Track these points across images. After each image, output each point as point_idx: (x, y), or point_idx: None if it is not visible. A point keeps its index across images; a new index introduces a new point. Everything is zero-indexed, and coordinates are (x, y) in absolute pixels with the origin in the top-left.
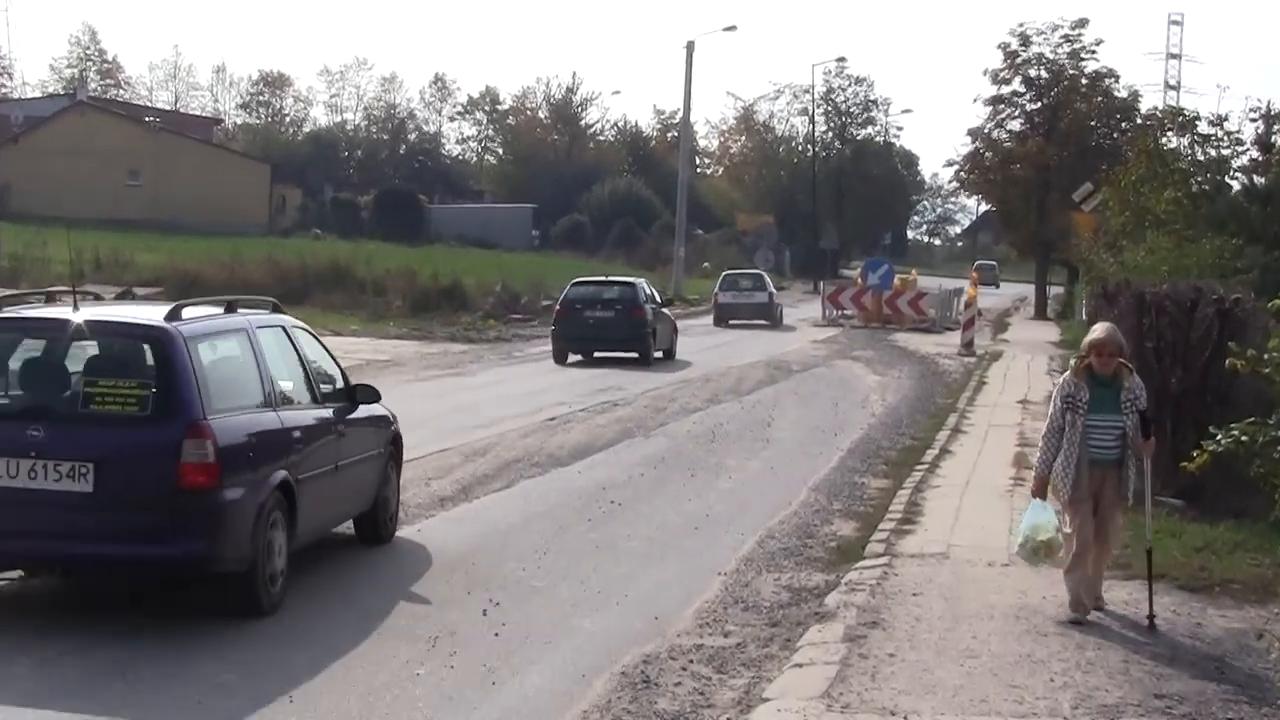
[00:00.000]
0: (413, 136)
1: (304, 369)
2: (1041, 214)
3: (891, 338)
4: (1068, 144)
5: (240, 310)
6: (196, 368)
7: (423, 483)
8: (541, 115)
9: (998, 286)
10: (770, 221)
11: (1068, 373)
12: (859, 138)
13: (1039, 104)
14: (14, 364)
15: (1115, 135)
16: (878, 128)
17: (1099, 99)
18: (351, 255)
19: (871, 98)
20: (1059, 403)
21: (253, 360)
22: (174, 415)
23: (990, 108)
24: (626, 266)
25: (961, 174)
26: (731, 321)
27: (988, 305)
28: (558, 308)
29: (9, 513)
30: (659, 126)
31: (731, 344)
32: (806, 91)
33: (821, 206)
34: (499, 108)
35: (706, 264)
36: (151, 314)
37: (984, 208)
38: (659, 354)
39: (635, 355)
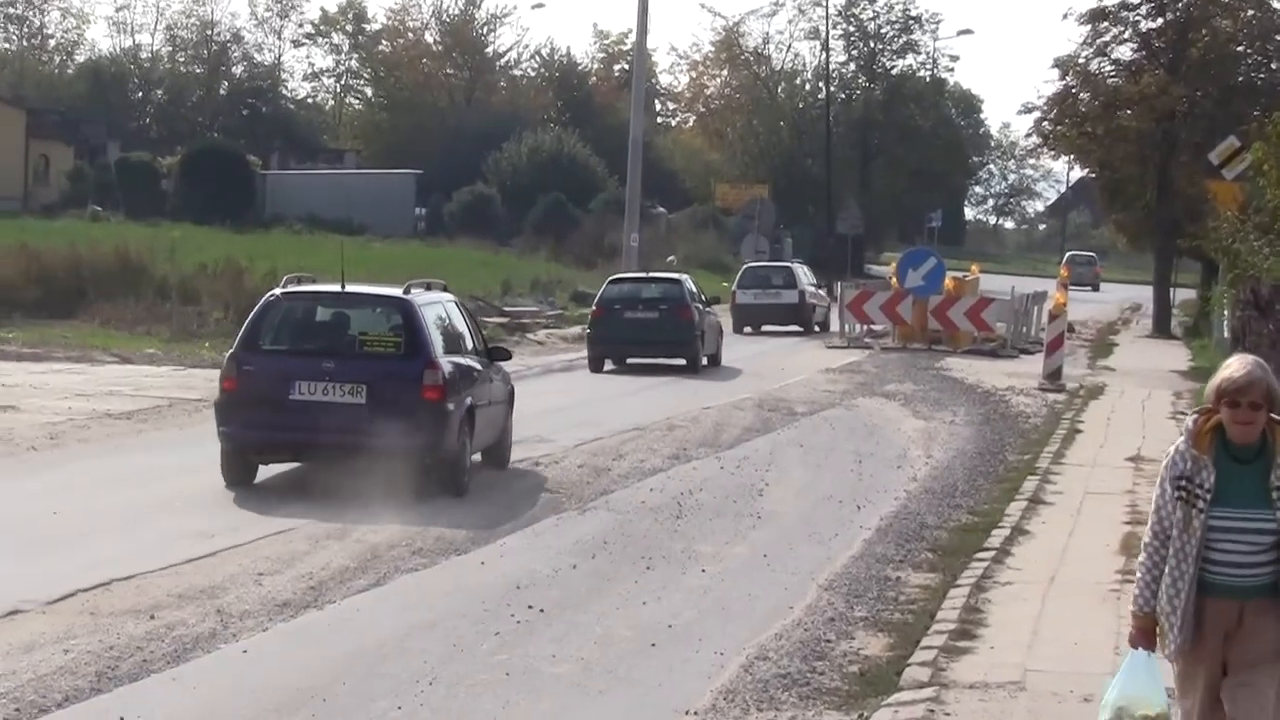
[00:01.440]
0: (239, 70)
1: (470, 330)
2: (1164, 183)
3: (941, 365)
4: (1202, 80)
5: (432, 289)
6: (426, 324)
7: (251, 579)
8: (429, 40)
9: (1097, 288)
10: (764, 195)
11: (1181, 439)
12: (894, 72)
13: (1159, 21)
14: (309, 321)
15: (1274, 67)
16: (922, 58)
17: (1249, 13)
18: (148, 245)
19: (912, 13)
20: (1167, 489)
21: (449, 322)
22: (417, 354)
23: (1088, 27)
24: (553, 263)
25: (1045, 125)
26: (761, 328)
27: (1083, 316)
28: (594, 308)
29: (312, 417)
30: (602, 57)
31: (705, 375)
32: (818, 4)
33: (840, 174)
34: (366, 29)
35: (672, 258)
36: (392, 290)
37: (1078, 174)
38: (705, 360)
39: (682, 361)
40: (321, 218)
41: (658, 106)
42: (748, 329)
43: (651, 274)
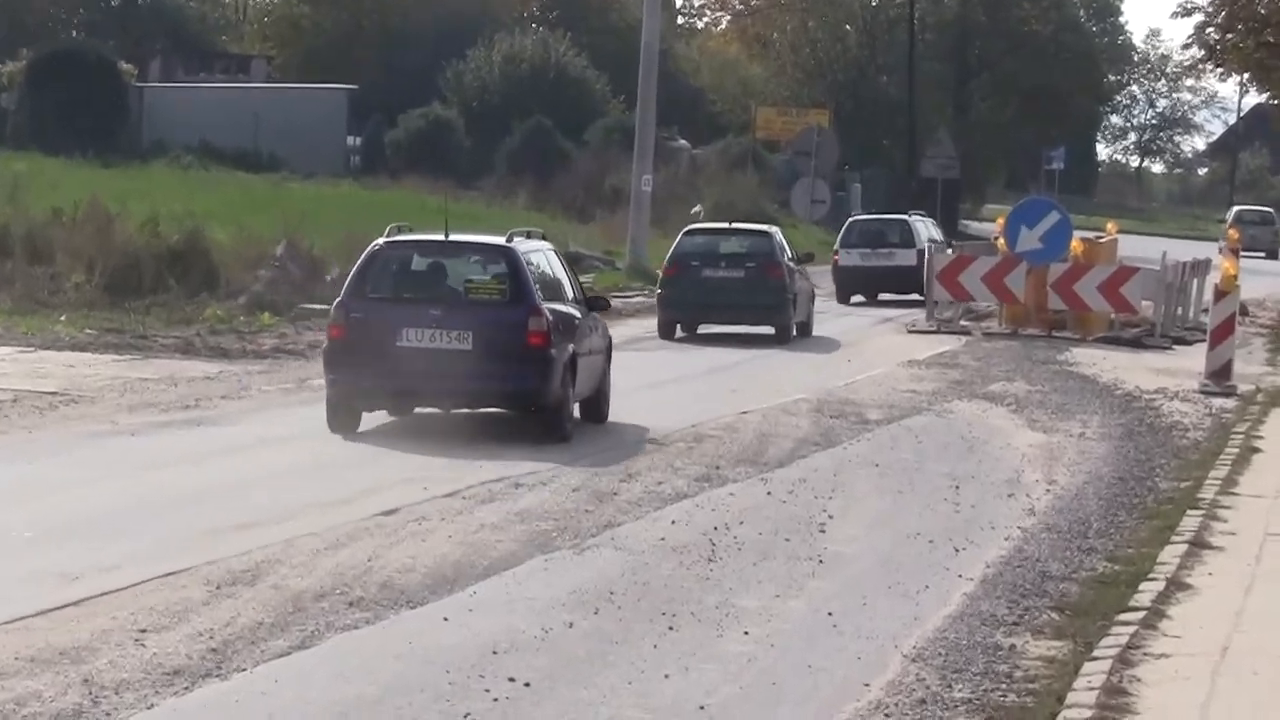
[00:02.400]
0: None
1: (569, 280)
2: None
3: (1065, 357)
4: None
5: (531, 237)
6: (530, 272)
7: (130, 637)
8: None
9: (1276, 255)
10: (823, 124)
11: None
12: None
13: None
14: (416, 270)
15: None
16: None
17: None
18: None
19: None
20: None
21: (550, 270)
22: (522, 301)
23: None
24: (537, 213)
25: (1211, 32)
26: (877, 296)
27: (1259, 292)
28: (666, 266)
29: (420, 363)
30: None
31: (744, 364)
32: None
33: (927, 96)
34: None
35: (698, 207)
36: (495, 239)
37: (1254, 99)
38: (795, 330)
39: (771, 330)
40: (218, 147)
41: (679, 2)
42: (858, 298)
43: (737, 224)
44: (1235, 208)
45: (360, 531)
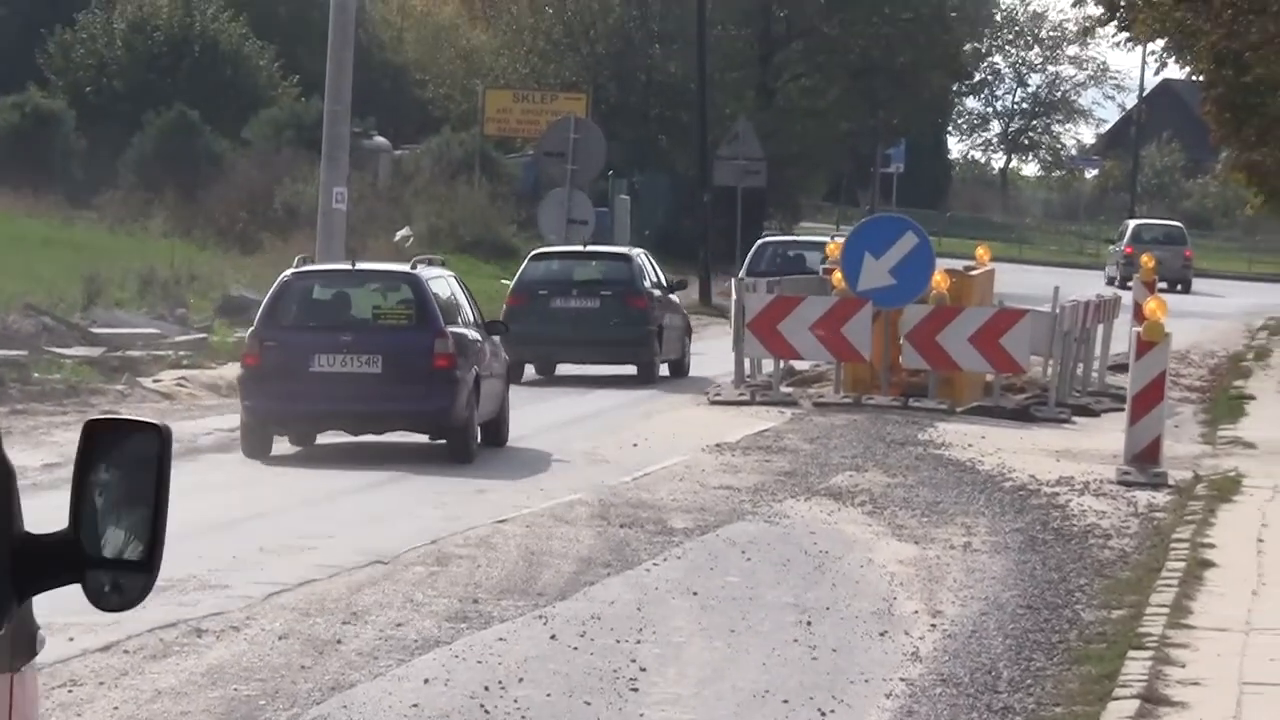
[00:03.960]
0: None
1: (470, 303)
2: None
3: (930, 435)
4: None
5: (433, 264)
6: (434, 297)
7: None
8: None
9: (1188, 287)
10: (580, 115)
11: None
12: None
13: None
14: (324, 298)
15: None
16: None
17: None
18: None
19: None
20: None
21: (452, 295)
22: (427, 325)
23: None
24: (182, 241)
25: None
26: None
27: (1178, 344)
28: (510, 296)
29: (332, 387)
30: None
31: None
32: None
33: (722, 77)
34: None
35: (405, 230)
36: (400, 266)
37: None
38: (665, 367)
39: (633, 370)
40: None
41: None
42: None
43: (592, 248)
44: (1131, 222)
45: None
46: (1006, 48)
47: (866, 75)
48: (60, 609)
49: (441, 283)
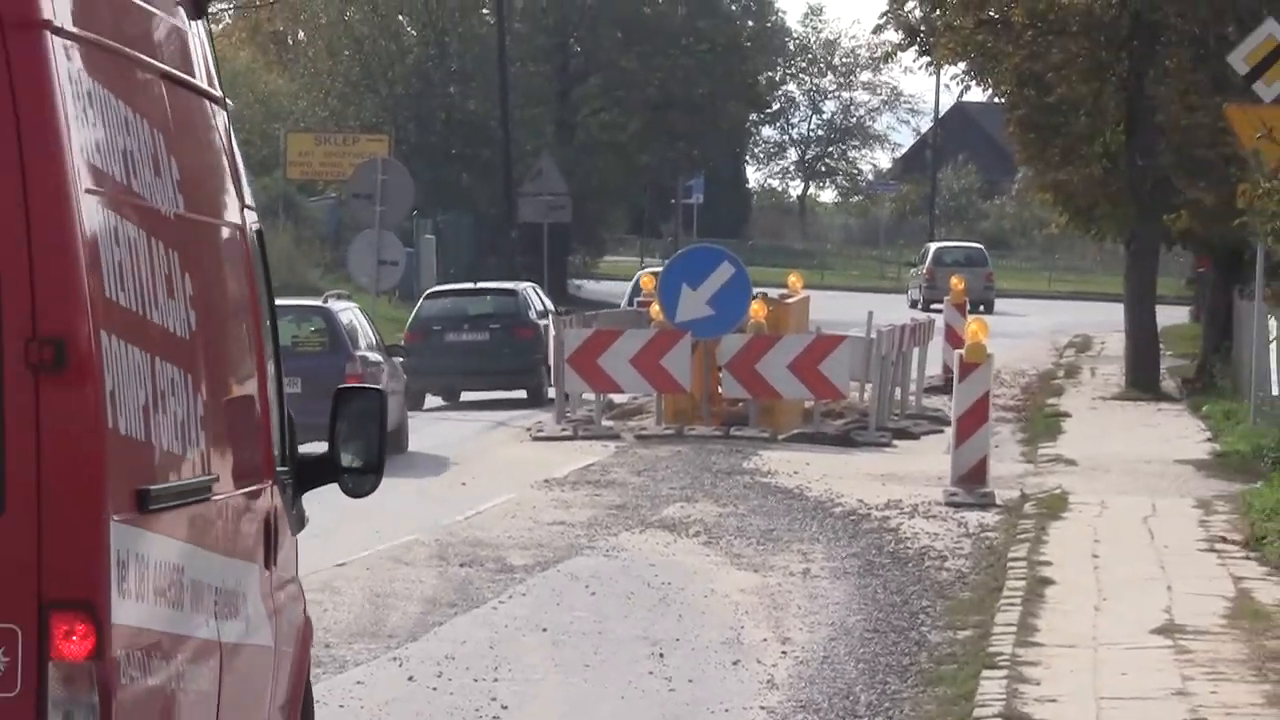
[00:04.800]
0: None
1: (373, 331)
2: (1137, 111)
3: (755, 463)
4: None
5: (340, 297)
6: (343, 326)
7: None
8: None
9: (990, 307)
10: (385, 155)
11: None
12: None
13: None
14: None
15: None
16: None
17: None
18: None
19: None
20: None
21: (359, 325)
22: (338, 350)
23: None
24: None
25: (911, 10)
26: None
27: (996, 362)
28: (407, 333)
29: None
30: None
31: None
32: None
33: (524, 112)
34: None
35: None
36: (313, 300)
37: (954, 99)
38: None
39: (523, 393)
40: None
41: None
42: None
43: (482, 284)
44: (932, 245)
45: None
46: (801, 75)
47: (665, 108)
48: None
49: (348, 313)
